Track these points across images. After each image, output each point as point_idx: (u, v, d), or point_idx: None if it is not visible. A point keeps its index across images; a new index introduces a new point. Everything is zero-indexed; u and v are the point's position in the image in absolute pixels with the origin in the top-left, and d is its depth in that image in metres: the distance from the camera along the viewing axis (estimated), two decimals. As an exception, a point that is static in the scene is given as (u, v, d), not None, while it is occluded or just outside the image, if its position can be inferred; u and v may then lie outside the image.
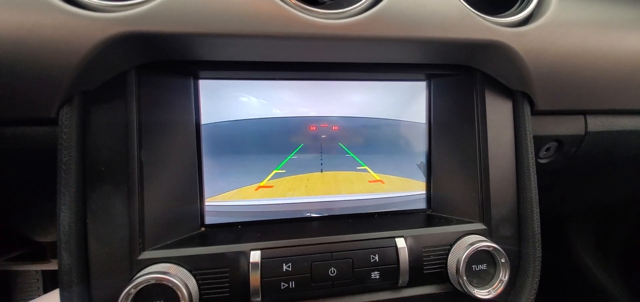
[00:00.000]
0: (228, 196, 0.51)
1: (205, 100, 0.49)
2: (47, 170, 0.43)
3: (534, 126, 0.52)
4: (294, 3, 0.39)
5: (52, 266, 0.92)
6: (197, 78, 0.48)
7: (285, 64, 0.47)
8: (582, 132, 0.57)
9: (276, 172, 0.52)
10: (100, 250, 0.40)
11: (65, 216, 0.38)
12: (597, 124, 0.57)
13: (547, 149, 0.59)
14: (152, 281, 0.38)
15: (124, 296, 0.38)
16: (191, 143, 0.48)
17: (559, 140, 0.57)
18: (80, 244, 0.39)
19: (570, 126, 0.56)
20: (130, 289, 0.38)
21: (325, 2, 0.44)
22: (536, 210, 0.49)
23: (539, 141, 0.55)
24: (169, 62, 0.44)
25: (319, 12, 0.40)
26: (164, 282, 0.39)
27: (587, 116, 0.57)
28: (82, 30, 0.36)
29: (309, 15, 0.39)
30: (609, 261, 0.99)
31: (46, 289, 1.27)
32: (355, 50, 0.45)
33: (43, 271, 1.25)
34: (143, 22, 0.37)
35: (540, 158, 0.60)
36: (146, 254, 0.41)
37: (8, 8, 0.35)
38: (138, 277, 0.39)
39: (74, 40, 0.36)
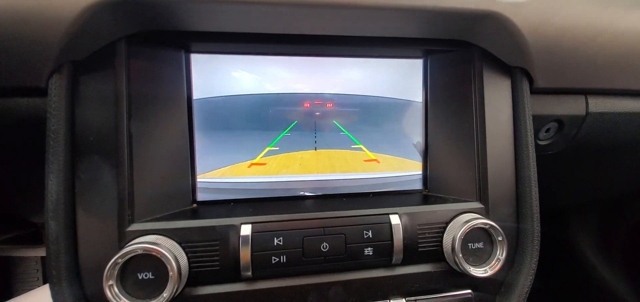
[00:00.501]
0: (220, 172, 0.50)
1: (197, 74, 0.48)
2: (39, 146, 0.42)
3: (533, 105, 0.51)
4: (285, -30, 0.38)
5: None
6: (188, 51, 0.47)
7: (278, 36, 0.46)
8: (583, 113, 0.56)
9: (269, 150, 0.51)
10: (88, 220, 0.40)
11: (53, 184, 0.38)
12: (598, 104, 0.56)
13: (547, 130, 0.58)
14: (140, 251, 0.38)
15: (110, 266, 0.37)
16: (182, 118, 0.47)
17: (560, 120, 0.56)
18: (68, 213, 0.39)
19: (571, 106, 0.55)
20: (118, 258, 0.37)
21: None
22: (535, 188, 0.48)
23: (539, 121, 0.54)
24: (160, 33, 0.43)
25: (311, -21, 0.39)
26: (153, 253, 0.38)
27: (588, 96, 0.55)
28: (69, -4, 0.36)
29: (301, -18, 0.38)
30: (613, 256, 0.97)
31: (46, 279, 1.28)
32: (349, 22, 0.44)
33: (42, 260, 1.26)
34: (131, -13, 0.36)
35: (540, 139, 0.59)
36: (135, 226, 0.41)
37: (-5, -28, 0.35)
38: (126, 247, 0.38)
39: (61, 7, 0.36)
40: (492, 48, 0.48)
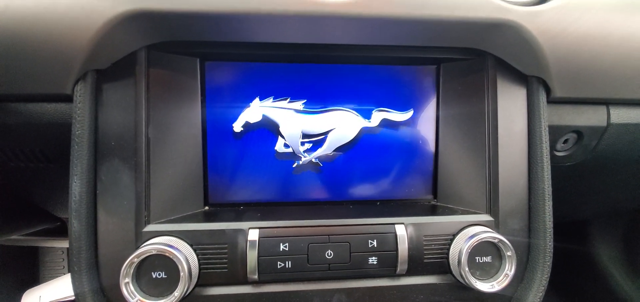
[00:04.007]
0: (231, 176, 0.51)
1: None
2: (64, 146, 0.45)
3: (551, 115, 0.49)
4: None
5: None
6: (204, 59, 0.49)
7: (291, 45, 0.47)
8: (604, 124, 0.53)
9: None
10: (108, 220, 0.42)
11: (77, 186, 0.41)
12: (620, 115, 0.53)
13: (565, 141, 0.55)
14: (154, 252, 0.40)
15: (127, 264, 0.39)
16: (197, 123, 0.49)
17: (578, 131, 0.54)
18: (89, 213, 0.41)
19: (591, 117, 0.53)
20: (133, 258, 0.39)
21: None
22: (549, 202, 0.47)
23: (557, 132, 0.52)
24: (178, 43, 0.45)
25: (321, -9, 0.39)
26: (166, 254, 0.40)
27: (609, 106, 0.53)
28: (92, 8, 0.38)
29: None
30: (637, 271, 0.92)
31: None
32: (362, 31, 0.44)
33: (68, 251, 1.33)
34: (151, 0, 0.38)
35: (558, 151, 0.56)
36: (151, 227, 0.43)
37: (27, -13, 0.38)
38: (141, 248, 0.40)
39: (86, 18, 0.38)
40: (507, 57, 0.47)
